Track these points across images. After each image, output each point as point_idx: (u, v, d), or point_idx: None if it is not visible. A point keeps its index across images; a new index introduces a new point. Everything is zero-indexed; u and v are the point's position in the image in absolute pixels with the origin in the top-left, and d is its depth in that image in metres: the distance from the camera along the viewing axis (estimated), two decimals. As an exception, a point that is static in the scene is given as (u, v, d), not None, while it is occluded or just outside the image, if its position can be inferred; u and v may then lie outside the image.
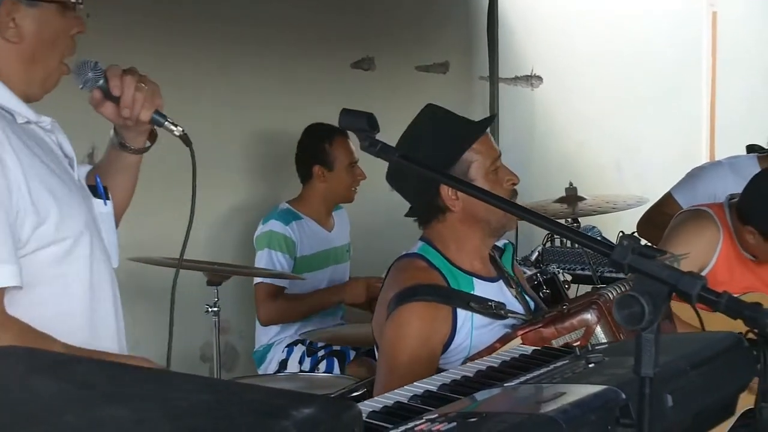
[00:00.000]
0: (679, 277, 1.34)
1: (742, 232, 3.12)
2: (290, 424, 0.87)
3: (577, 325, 2.48)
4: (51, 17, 2.01)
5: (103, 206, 2.20)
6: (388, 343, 2.52)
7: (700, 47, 7.56)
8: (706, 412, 1.71)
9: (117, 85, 2.07)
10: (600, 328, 2.48)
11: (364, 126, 1.72)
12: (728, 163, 4.02)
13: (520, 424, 1.34)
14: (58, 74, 2.07)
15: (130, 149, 2.22)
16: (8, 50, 1.99)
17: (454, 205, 2.57)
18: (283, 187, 4.59)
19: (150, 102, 2.09)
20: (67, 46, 2.06)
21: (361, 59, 5.22)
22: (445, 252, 2.61)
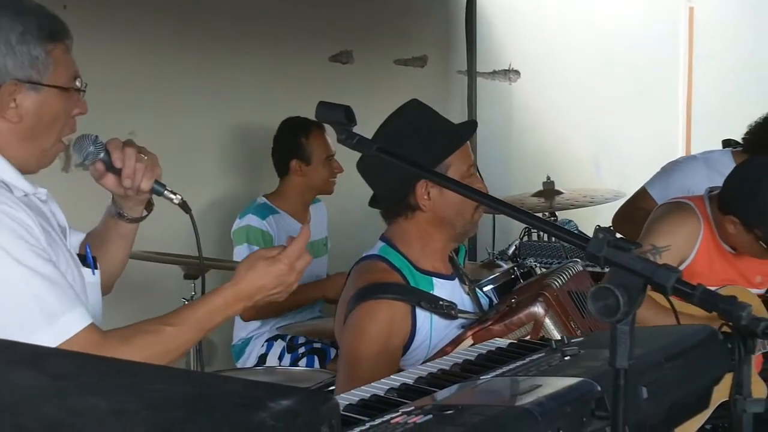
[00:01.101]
0: (654, 270, 1.35)
1: (723, 223, 3.13)
2: (267, 415, 0.87)
3: (525, 319, 2.48)
4: (53, 100, 2.03)
5: (91, 276, 2.21)
6: (347, 342, 2.52)
7: (677, 43, 7.60)
8: (680, 405, 1.73)
9: (119, 157, 2.11)
10: (549, 320, 2.48)
11: (341, 119, 1.72)
12: (702, 158, 4.05)
13: (495, 417, 1.35)
14: (54, 152, 2.10)
15: (127, 218, 2.27)
16: (7, 129, 2.01)
17: (425, 204, 2.58)
18: (261, 182, 4.59)
19: (150, 172, 2.13)
20: (66, 126, 2.09)
21: (339, 53, 5.22)
22: (407, 252, 2.62)
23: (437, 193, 2.57)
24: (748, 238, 3.08)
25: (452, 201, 2.56)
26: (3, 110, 1.99)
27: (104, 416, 0.88)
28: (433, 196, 2.57)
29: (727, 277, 3.21)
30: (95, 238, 2.33)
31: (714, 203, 3.18)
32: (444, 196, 2.56)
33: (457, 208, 2.58)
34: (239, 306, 2.10)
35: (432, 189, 2.56)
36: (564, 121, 6.61)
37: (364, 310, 2.49)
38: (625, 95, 7.02)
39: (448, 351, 2.41)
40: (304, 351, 4.05)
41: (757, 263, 3.23)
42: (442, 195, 2.56)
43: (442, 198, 2.57)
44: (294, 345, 4.09)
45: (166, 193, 2.17)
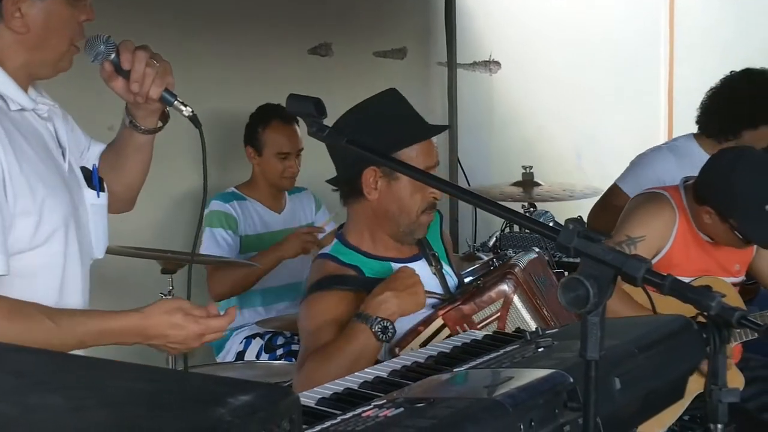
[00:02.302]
0: (624, 260, 1.34)
1: (699, 213, 3.14)
2: (226, 411, 0.86)
3: (495, 297, 2.53)
4: (59, 7, 2.00)
5: (95, 198, 2.19)
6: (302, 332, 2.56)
7: (658, 34, 7.60)
8: (655, 395, 1.72)
9: (128, 59, 2.06)
10: (517, 298, 2.53)
11: (312, 111, 1.71)
12: (667, 147, 4.05)
13: (466, 409, 1.34)
14: (69, 56, 2.07)
15: (141, 129, 2.21)
16: (13, 39, 1.98)
17: (371, 193, 2.57)
18: (236, 174, 4.56)
19: (160, 79, 2.07)
20: (76, 32, 2.06)
21: (318, 45, 5.19)
22: (358, 243, 2.64)
23: (385, 185, 2.55)
24: (724, 228, 3.08)
25: (398, 196, 2.55)
26: (8, 20, 1.96)
27: (62, 413, 0.87)
28: (380, 187, 2.56)
29: (704, 267, 3.21)
30: (111, 151, 2.30)
31: (690, 193, 3.18)
32: (391, 189, 2.55)
33: (402, 205, 2.56)
34: (133, 340, 2.00)
35: (380, 179, 2.55)
36: (545, 113, 6.60)
37: (311, 301, 2.53)
38: (606, 87, 7.02)
39: (420, 330, 2.46)
40: (283, 353, 4.02)
41: (735, 252, 3.23)
42: (389, 188, 2.55)
43: (389, 191, 2.55)
44: (272, 345, 4.06)
45: (176, 104, 2.09)
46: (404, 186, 2.54)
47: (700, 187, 3.14)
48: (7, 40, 1.98)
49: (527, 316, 2.54)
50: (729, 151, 3.25)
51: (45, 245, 2.00)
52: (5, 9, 1.96)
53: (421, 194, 2.56)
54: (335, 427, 1.38)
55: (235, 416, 0.86)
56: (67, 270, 2.07)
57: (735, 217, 3.02)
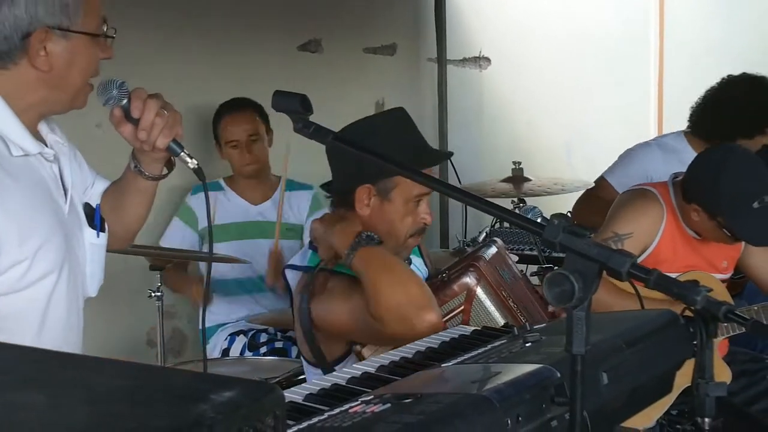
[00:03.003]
0: (609, 255, 1.34)
1: (687, 210, 3.14)
2: (208, 407, 0.86)
3: (458, 290, 2.54)
4: (82, 47, 2.00)
5: (95, 238, 2.19)
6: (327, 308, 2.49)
7: (648, 27, 7.61)
8: (642, 389, 1.72)
9: (138, 107, 2.04)
10: (481, 290, 2.53)
11: (297, 107, 1.71)
12: (656, 143, 4.07)
13: (453, 405, 1.34)
14: (84, 94, 2.08)
15: (146, 175, 2.20)
16: (35, 78, 1.98)
17: (363, 209, 2.54)
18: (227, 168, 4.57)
19: (168, 129, 2.05)
20: (94, 70, 2.07)
21: (308, 42, 5.19)
22: None
23: (377, 204, 2.53)
24: (711, 225, 3.09)
25: (388, 218, 2.52)
26: (33, 58, 1.96)
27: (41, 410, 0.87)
28: (372, 205, 2.53)
29: (691, 263, 3.22)
30: (114, 192, 2.30)
31: (678, 190, 3.19)
32: (383, 210, 2.52)
33: (392, 227, 2.53)
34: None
35: (374, 197, 2.52)
36: (535, 108, 6.61)
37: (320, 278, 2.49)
38: (596, 82, 7.02)
39: None
40: (266, 351, 4.01)
41: (722, 248, 3.24)
42: (381, 208, 2.52)
43: (381, 211, 2.53)
44: (256, 343, 4.05)
45: (183, 155, 2.07)
46: (396, 209, 2.52)
47: (688, 185, 3.14)
48: (28, 78, 1.98)
49: (492, 308, 2.54)
50: (716, 148, 3.25)
51: (30, 289, 1.99)
52: (31, 46, 1.95)
53: (413, 218, 2.54)
54: (322, 423, 1.38)
55: (218, 412, 0.86)
56: (49, 313, 2.05)
57: (723, 215, 3.03)
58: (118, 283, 4.08)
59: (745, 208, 2.98)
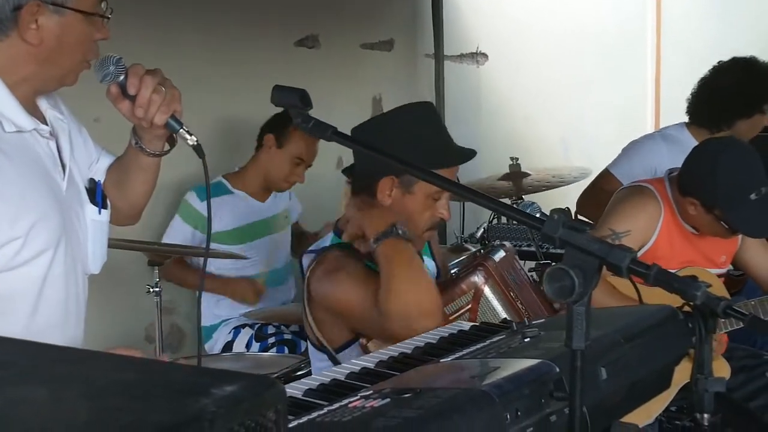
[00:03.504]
0: (609, 250, 1.34)
1: (684, 205, 3.14)
2: (210, 402, 0.86)
3: (466, 289, 2.56)
4: (75, 24, 1.98)
5: (96, 214, 2.18)
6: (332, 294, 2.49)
7: (645, 22, 7.61)
8: (641, 384, 1.73)
9: (134, 83, 2.02)
10: (488, 288, 2.55)
11: (297, 102, 1.71)
12: (660, 135, 4.10)
13: (452, 399, 1.34)
14: (77, 72, 2.06)
15: (147, 152, 2.17)
16: (25, 51, 1.96)
17: (384, 199, 2.55)
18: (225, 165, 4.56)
19: (166, 106, 2.03)
20: (90, 50, 2.05)
21: (305, 37, 5.18)
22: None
23: (399, 195, 2.54)
24: (708, 219, 3.09)
25: (408, 211, 2.53)
26: (23, 31, 1.94)
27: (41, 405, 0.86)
28: (394, 196, 2.54)
29: (689, 258, 3.22)
30: (117, 168, 2.29)
31: (674, 185, 3.19)
32: (404, 202, 2.54)
33: (410, 220, 2.53)
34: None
35: (396, 189, 2.54)
36: (532, 103, 6.61)
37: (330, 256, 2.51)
38: (593, 77, 7.03)
39: None
40: (274, 341, 4.02)
41: (720, 243, 3.24)
42: (402, 200, 2.54)
43: (402, 203, 2.54)
44: (263, 334, 4.06)
45: (182, 132, 2.05)
46: (417, 202, 2.53)
47: (684, 179, 3.15)
48: (18, 51, 1.96)
49: (499, 308, 2.55)
50: (711, 141, 3.27)
51: (25, 267, 1.98)
52: (22, 18, 1.93)
53: (430, 212, 2.55)
54: (322, 418, 1.38)
55: (219, 406, 0.86)
56: (45, 291, 2.04)
57: (720, 208, 3.03)
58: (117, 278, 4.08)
59: (742, 200, 2.99)
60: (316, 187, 5.04)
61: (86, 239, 2.17)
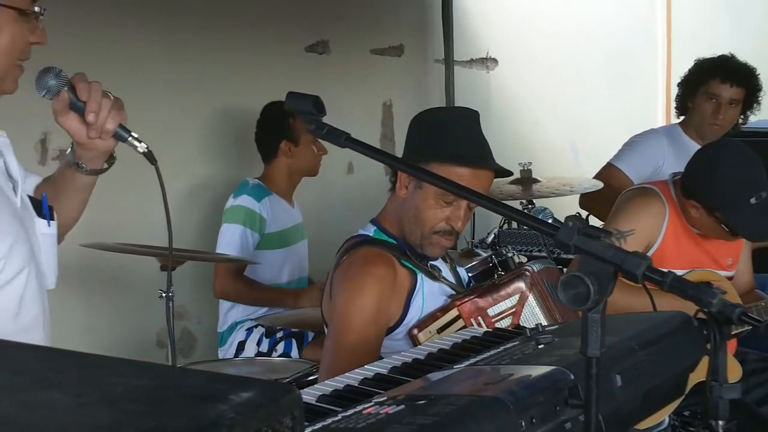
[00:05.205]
0: (624, 257, 1.34)
1: (687, 207, 3.17)
2: (228, 408, 0.86)
3: (511, 292, 2.59)
4: (8, 22, 1.91)
5: (46, 227, 2.09)
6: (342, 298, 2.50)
7: (655, 26, 7.61)
8: (656, 392, 1.72)
9: (84, 88, 1.95)
10: (533, 296, 2.57)
11: (311, 109, 1.70)
12: (662, 129, 4.46)
13: (467, 406, 1.34)
14: (12, 76, 1.96)
15: (85, 170, 2.08)
16: None
17: (401, 190, 2.57)
18: (240, 169, 4.57)
19: (116, 111, 1.96)
20: (22, 51, 1.96)
21: (315, 43, 5.19)
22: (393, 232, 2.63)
23: (412, 189, 2.55)
24: (710, 221, 3.13)
25: (415, 205, 2.54)
26: None
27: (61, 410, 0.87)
28: (409, 190, 2.56)
29: (696, 259, 3.24)
30: (50, 187, 2.18)
31: (678, 187, 3.22)
32: (414, 197, 2.55)
33: (418, 215, 2.54)
34: None
35: (410, 184, 2.55)
36: (542, 108, 6.60)
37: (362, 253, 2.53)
38: (604, 81, 7.02)
39: (438, 316, 2.51)
40: (282, 335, 4.05)
41: (726, 245, 3.27)
42: (414, 194, 2.55)
43: (413, 197, 2.55)
44: (272, 330, 4.09)
45: (131, 140, 1.97)
46: (425, 198, 2.52)
47: (686, 182, 3.18)
48: None
49: (541, 315, 2.57)
50: (713, 145, 3.34)
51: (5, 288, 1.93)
52: None
53: (442, 215, 2.53)
54: (336, 424, 1.38)
55: (237, 412, 0.86)
56: (23, 312, 1.99)
57: (720, 210, 3.06)
58: (129, 283, 4.09)
59: (743, 203, 3.02)
60: (327, 192, 5.05)
61: (40, 254, 2.09)
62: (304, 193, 4.51)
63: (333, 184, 5.08)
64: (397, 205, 2.62)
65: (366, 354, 2.31)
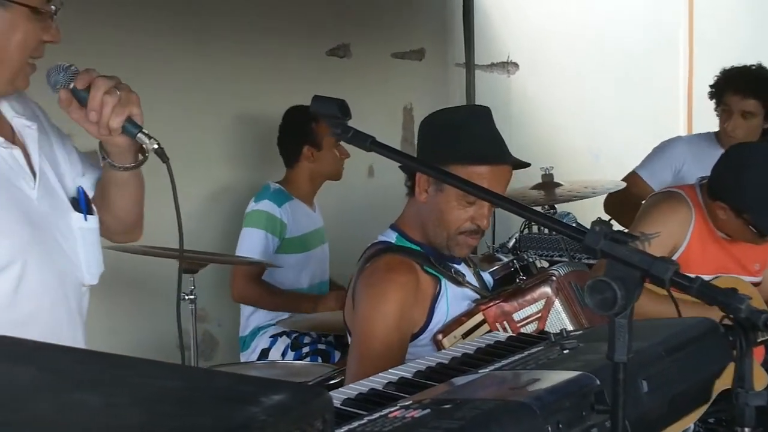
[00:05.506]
0: (652, 262, 1.33)
1: (714, 210, 3.16)
2: (259, 410, 0.86)
3: (537, 297, 2.57)
4: (22, 20, 1.90)
5: (83, 221, 2.06)
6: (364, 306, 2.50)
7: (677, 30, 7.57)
8: (681, 398, 1.71)
9: (85, 80, 1.91)
10: (559, 302, 2.56)
11: (336, 112, 1.70)
12: (686, 137, 4.52)
13: (493, 410, 1.34)
14: (25, 73, 1.96)
15: (117, 167, 2.03)
16: None
17: (421, 194, 2.56)
18: (261, 173, 4.58)
19: (121, 108, 1.89)
20: (35, 49, 1.95)
21: (337, 47, 5.20)
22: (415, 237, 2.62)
23: (432, 193, 2.54)
24: (738, 224, 3.10)
25: (439, 208, 2.53)
26: None
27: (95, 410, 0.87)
28: (429, 193, 2.55)
29: (722, 264, 3.22)
30: (99, 184, 2.16)
31: (705, 191, 3.20)
32: (436, 199, 2.53)
33: (441, 218, 2.53)
34: None
35: (430, 187, 2.54)
36: (562, 112, 6.59)
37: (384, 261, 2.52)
38: (624, 84, 6.99)
39: (463, 321, 2.50)
40: (308, 351, 4.04)
41: (753, 249, 3.24)
42: (435, 197, 2.53)
43: (435, 200, 2.54)
44: (299, 343, 4.08)
45: (140, 136, 1.90)
46: (447, 200, 2.51)
47: (713, 183, 3.16)
48: None
49: (567, 321, 2.56)
50: (740, 146, 3.33)
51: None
52: None
53: (465, 216, 2.52)
54: (362, 428, 1.38)
55: (268, 414, 0.86)
56: (19, 308, 1.93)
57: (748, 211, 3.04)
58: (150, 286, 4.11)
59: None
60: (348, 196, 5.06)
61: (75, 249, 2.06)
62: (325, 196, 4.52)
63: (354, 187, 5.08)
64: (417, 209, 2.61)
65: (390, 361, 2.30)
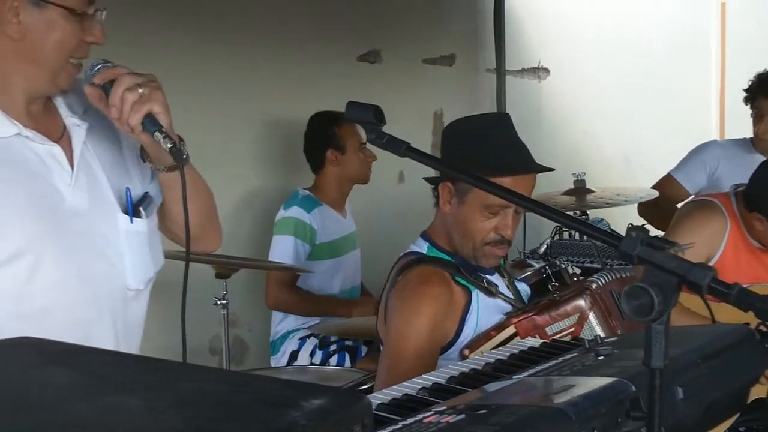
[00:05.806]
0: (689, 268, 1.33)
1: (750, 220, 3.13)
2: (300, 414, 0.87)
3: (570, 311, 2.52)
4: (60, 20, 1.91)
5: (128, 224, 2.04)
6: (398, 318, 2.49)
7: (709, 38, 7.53)
8: (716, 405, 1.70)
9: (106, 76, 1.90)
10: (593, 315, 2.50)
11: (371, 118, 1.71)
12: (721, 141, 4.55)
13: (529, 416, 1.34)
14: (67, 73, 1.97)
15: (159, 168, 2.01)
16: (9, 47, 1.90)
17: (445, 206, 2.56)
18: (293, 178, 4.60)
19: (140, 104, 1.85)
20: (76, 50, 1.95)
21: (368, 52, 5.21)
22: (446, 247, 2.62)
23: (456, 203, 2.53)
24: None
25: (461, 220, 2.53)
26: (4, 24, 1.88)
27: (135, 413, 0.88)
28: (453, 204, 2.54)
29: (756, 274, 3.20)
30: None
31: (740, 200, 3.18)
32: (459, 211, 2.53)
33: (465, 230, 2.53)
34: None
35: (453, 198, 2.53)
36: (593, 118, 6.57)
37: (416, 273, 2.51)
38: (656, 89, 6.97)
39: (492, 335, 2.47)
40: (335, 348, 4.06)
41: None
42: (459, 208, 2.53)
43: (458, 211, 2.53)
44: (325, 342, 4.10)
45: (157, 134, 1.85)
46: (471, 211, 2.50)
47: (750, 194, 3.14)
48: (3, 47, 1.90)
49: (601, 335, 2.53)
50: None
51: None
52: (1, 13, 1.88)
53: (490, 226, 2.51)
54: (397, 433, 1.38)
55: (309, 419, 0.86)
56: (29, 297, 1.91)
57: None
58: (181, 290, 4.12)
59: None
60: (378, 202, 5.06)
61: (119, 250, 2.04)
62: (355, 202, 4.53)
63: (384, 193, 5.09)
64: (444, 219, 2.60)
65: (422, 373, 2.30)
